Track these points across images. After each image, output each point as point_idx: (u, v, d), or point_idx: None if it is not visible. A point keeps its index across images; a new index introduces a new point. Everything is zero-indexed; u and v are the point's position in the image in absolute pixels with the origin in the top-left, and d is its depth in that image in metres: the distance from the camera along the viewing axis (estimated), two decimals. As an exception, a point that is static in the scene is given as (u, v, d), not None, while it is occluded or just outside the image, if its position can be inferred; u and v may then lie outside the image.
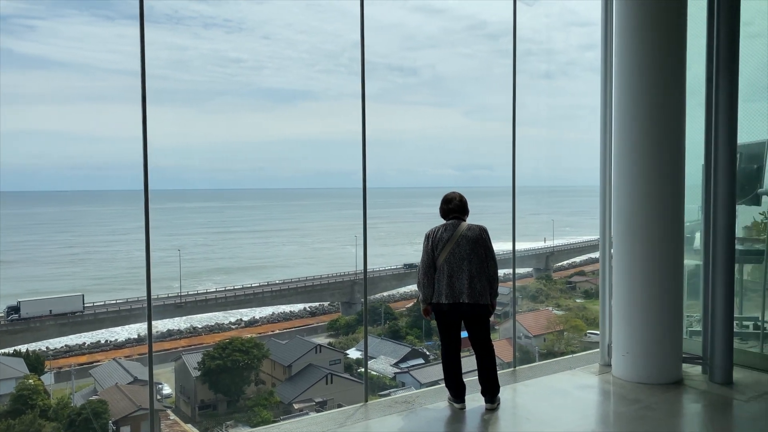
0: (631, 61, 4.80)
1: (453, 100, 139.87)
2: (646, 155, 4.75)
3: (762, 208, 5.59)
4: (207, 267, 54.45)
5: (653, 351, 4.80)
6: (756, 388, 4.73)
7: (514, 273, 5.67)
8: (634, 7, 4.77)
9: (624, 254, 4.90)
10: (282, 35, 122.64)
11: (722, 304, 4.82)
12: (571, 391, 4.78)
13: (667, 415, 4.26)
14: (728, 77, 4.78)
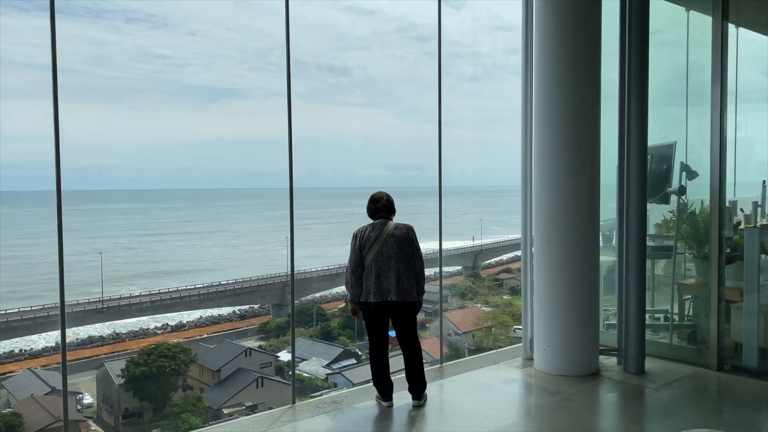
0: (550, 66, 4.98)
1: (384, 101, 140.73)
2: (564, 156, 4.95)
3: (671, 207, 5.93)
4: (131, 270, 52.37)
5: (572, 344, 5.01)
6: (666, 376, 5.01)
7: (441, 271, 5.77)
8: (552, 14, 4.96)
9: (544, 252, 5.08)
10: (209, 32, 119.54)
11: (635, 299, 5.09)
12: (496, 385, 4.92)
13: (584, 405, 4.45)
14: (639, 83, 5.05)
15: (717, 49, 5.10)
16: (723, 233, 5.15)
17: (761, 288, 5.26)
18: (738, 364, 5.13)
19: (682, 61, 5.91)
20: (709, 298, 5.21)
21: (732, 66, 8.32)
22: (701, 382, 4.91)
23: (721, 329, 5.12)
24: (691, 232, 5.73)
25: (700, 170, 5.59)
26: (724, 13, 5.07)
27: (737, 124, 9.44)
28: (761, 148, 9.91)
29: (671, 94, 6.02)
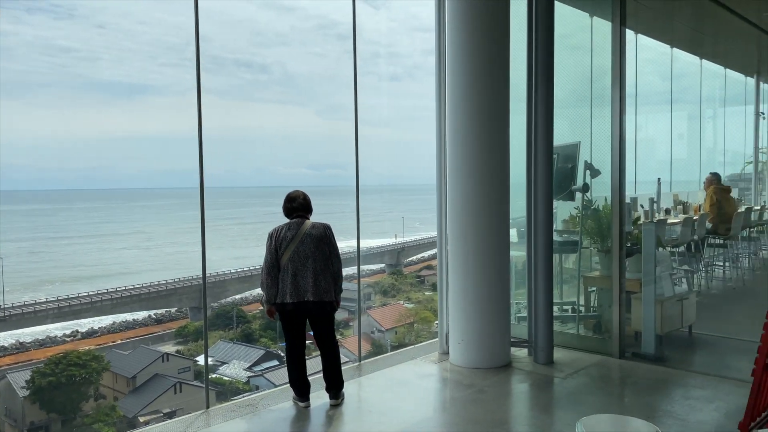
0: (462, 67, 5.10)
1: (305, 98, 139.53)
2: (476, 155, 5.08)
3: (576, 203, 6.22)
4: (37, 276, 49.33)
5: (485, 337, 5.16)
6: (573, 365, 5.26)
7: (359, 269, 5.79)
8: (464, 16, 5.07)
9: (458, 248, 5.20)
10: (119, 25, 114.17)
11: (543, 292, 5.30)
12: (413, 380, 4.99)
13: (497, 396, 4.60)
14: (545, 85, 5.26)
15: (616, 53, 5.39)
16: (623, 228, 5.45)
17: (657, 279, 5.61)
18: (638, 351, 5.45)
19: (587, 64, 6.20)
20: (611, 289, 5.51)
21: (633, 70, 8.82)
22: (605, 370, 5.19)
23: (622, 319, 5.42)
24: (595, 228, 6.03)
25: (603, 169, 5.89)
26: (622, 19, 5.36)
27: (638, 125, 10.03)
28: (661, 147, 10.59)
29: (578, 96, 6.31)
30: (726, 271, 8.51)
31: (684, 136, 11.10)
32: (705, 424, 4.00)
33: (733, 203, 8.67)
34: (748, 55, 10.26)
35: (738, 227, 8.29)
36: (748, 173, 11.53)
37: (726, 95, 11.33)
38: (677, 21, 8.46)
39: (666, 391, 4.67)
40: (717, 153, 11.71)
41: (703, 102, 10.89)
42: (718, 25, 8.50)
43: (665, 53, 9.74)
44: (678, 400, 4.46)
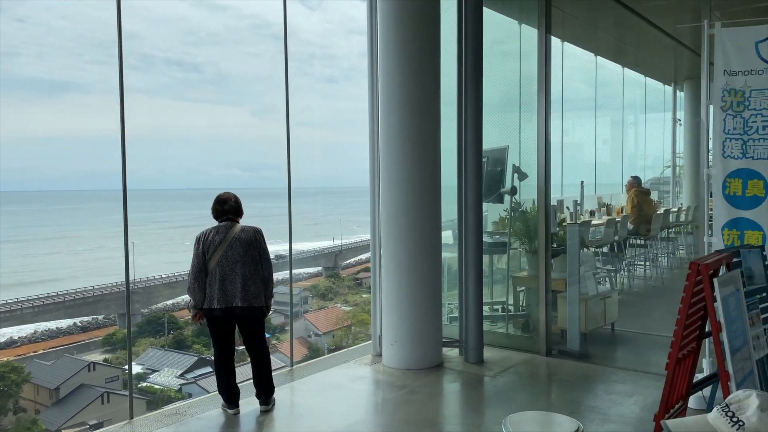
0: (394, 71, 5.13)
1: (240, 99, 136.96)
2: (408, 158, 5.12)
3: (505, 206, 6.37)
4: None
5: (417, 338, 5.20)
6: (502, 363, 5.38)
7: (291, 273, 5.72)
8: (395, 21, 5.11)
9: (391, 250, 5.23)
10: (41, 19, 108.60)
11: (473, 292, 5.40)
12: (345, 383, 4.98)
13: (428, 396, 4.64)
14: (474, 90, 5.37)
15: (542, 60, 5.55)
16: (549, 230, 5.62)
17: (581, 278, 5.82)
18: (563, 349, 5.63)
19: (518, 70, 6.37)
20: (538, 289, 5.67)
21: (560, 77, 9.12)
22: (532, 367, 5.33)
23: (548, 317, 5.59)
24: (523, 229, 6.19)
25: (530, 172, 6.06)
26: (547, 27, 5.53)
27: (565, 130, 10.36)
28: (587, 151, 11.00)
29: (509, 101, 6.47)
30: (646, 270, 8.93)
31: (608, 141, 11.60)
32: (624, 417, 4.18)
33: (653, 205, 9.11)
34: (666, 64, 10.82)
35: (657, 228, 8.71)
36: (666, 177, 12.16)
37: (646, 102, 11.91)
38: (601, 31, 8.82)
39: (589, 386, 4.84)
40: (638, 157, 12.30)
41: (625, 108, 11.40)
42: (639, 35, 8.91)
43: (591, 61, 10.14)
44: (600, 395, 4.64)
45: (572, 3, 7.08)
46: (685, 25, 7.23)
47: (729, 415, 1.07)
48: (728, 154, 4.14)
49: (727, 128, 4.15)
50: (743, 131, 4.08)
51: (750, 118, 4.06)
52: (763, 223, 4.07)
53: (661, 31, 8.01)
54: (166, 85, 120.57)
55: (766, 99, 4.00)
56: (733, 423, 1.07)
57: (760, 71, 4.01)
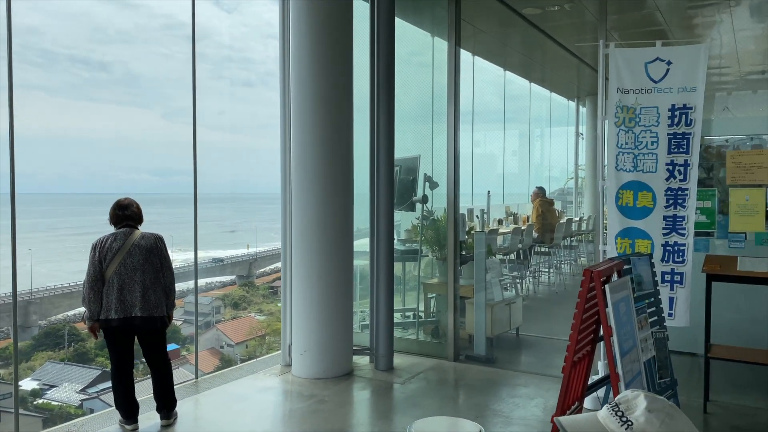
0: (306, 77, 5.09)
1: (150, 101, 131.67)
2: (320, 165, 5.09)
3: (417, 214, 6.47)
4: None
5: (327, 347, 5.16)
6: (411, 370, 5.43)
7: (197, 281, 5.53)
8: (308, 27, 5.08)
9: (302, 258, 5.17)
10: None
11: (384, 299, 5.43)
12: (252, 395, 4.86)
13: (337, 405, 4.61)
14: (386, 99, 5.42)
15: (451, 72, 5.69)
16: (458, 237, 5.75)
17: (488, 285, 5.99)
18: (471, 354, 5.77)
19: (431, 81, 6.50)
20: (447, 295, 5.78)
21: (471, 89, 9.36)
22: (441, 373, 5.42)
23: (456, 323, 5.71)
24: (434, 237, 6.31)
25: (442, 181, 6.18)
26: (456, 40, 5.68)
27: (476, 141, 10.66)
28: (496, 162, 11.38)
29: (423, 111, 6.59)
30: (550, 276, 9.32)
31: (516, 152, 12.06)
32: (526, 419, 4.32)
33: (556, 215, 9.55)
34: (570, 81, 11.40)
35: (560, 237, 9.13)
36: (570, 188, 12.79)
37: (552, 117, 12.49)
38: (509, 47, 9.18)
39: (494, 390, 4.98)
40: (544, 168, 12.86)
41: (532, 122, 11.91)
42: (545, 52, 9.34)
43: (501, 76, 10.52)
44: (504, 399, 4.78)
45: (482, 18, 7.33)
46: (583, 44, 7.64)
47: (618, 414, 1.12)
48: (621, 168, 4.40)
49: (619, 143, 4.41)
50: (634, 146, 4.36)
51: (640, 134, 4.34)
52: (651, 233, 4.35)
53: (565, 49, 8.43)
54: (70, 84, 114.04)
55: (654, 116, 4.28)
56: (622, 422, 1.11)
57: (648, 90, 4.30)
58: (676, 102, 4.23)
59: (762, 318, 4.20)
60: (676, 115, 4.22)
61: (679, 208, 4.25)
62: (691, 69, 4.19)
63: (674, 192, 4.25)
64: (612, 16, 6.96)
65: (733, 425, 4.20)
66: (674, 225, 4.25)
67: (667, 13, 7.15)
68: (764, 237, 4.42)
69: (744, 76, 9.92)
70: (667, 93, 4.26)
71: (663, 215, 4.29)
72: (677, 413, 1.09)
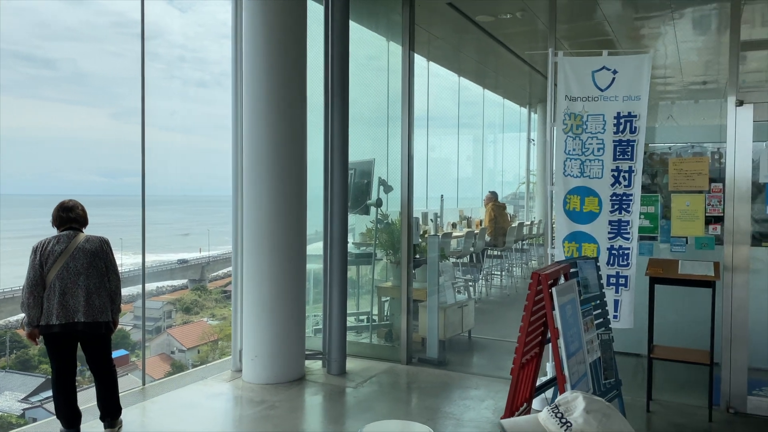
0: (259, 78, 5.04)
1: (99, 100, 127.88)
2: (272, 167, 5.04)
3: (371, 217, 6.47)
4: None
5: (279, 352, 5.10)
6: (364, 374, 5.42)
7: (144, 285, 5.40)
8: (261, 28, 5.03)
9: (253, 261, 5.10)
10: None
11: (337, 303, 5.41)
12: (201, 401, 4.76)
13: (288, 411, 4.56)
14: (340, 102, 5.41)
15: (405, 76, 5.73)
16: (411, 241, 5.78)
17: (441, 288, 6.04)
18: (423, 357, 5.80)
19: (386, 85, 6.52)
20: (401, 298, 5.80)
21: (426, 95, 9.43)
22: (393, 376, 5.43)
23: (409, 326, 5.74)
24: (388, 240, 6.32)
25: (397, 185, 6.21)
26: (410, 44, 5.72)
27: (431, 145, 10.73)
28: (451, 166, 11.50)
29: (379, 115, 6.60)
30: (502, 279, 9.47)
31: (470, 157, 12.22)
32: (476, 421, 4.36)
33: (508, 218, 9.71)
34: (522, 88, 11.62)
35: (512, 240, 9.29)
36: (522, 192, 13.04)
37: (505, 122, 12.71)
38: (464, 53, 9.29)
39: (446, 393, 5.01)
40: (497, 173, 13.08)
41: (486, 127, 12.08)
42: (498, 59, 9.49)
43: (455, 81, 10.65)
44: (456, 401, 4.82)
45: (437, 25, 7.40)
46: (534, 52, 7.81)
47: (558, 416, 1.13)
48: (568, 173, 4.51)
49: (567, 149, 4.51)
50: (581, 152, 4.47)
51: (587, 141, 4.45)
52: (598, 237, 4.46)
53: (517, 56, 8.59)
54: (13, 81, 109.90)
55: (600, 123, 4.41)
56: (561, 424, 1.13)
57: (595, 98, 4.42)
58: (621, 110, 4.36)
59: (702, 319, 4.36)
60: (622, 123, 4.35)
61: (623, 213, 4.37)
62: (636, 78, 4.33)
63: (619, 197, 4.38)
64: (563, 25, 7.14)
65: (674, 423, 4.34)
66: (619, 229, 4.38)
67: (615, 24, 7.37)
68: (704, 241, 4.60)
69: (687, 86, 10.31)
70: (612, 101, 4.38)
71: (608, 220, 4.41)
72: (614, 413, 1.12)
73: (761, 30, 7.46)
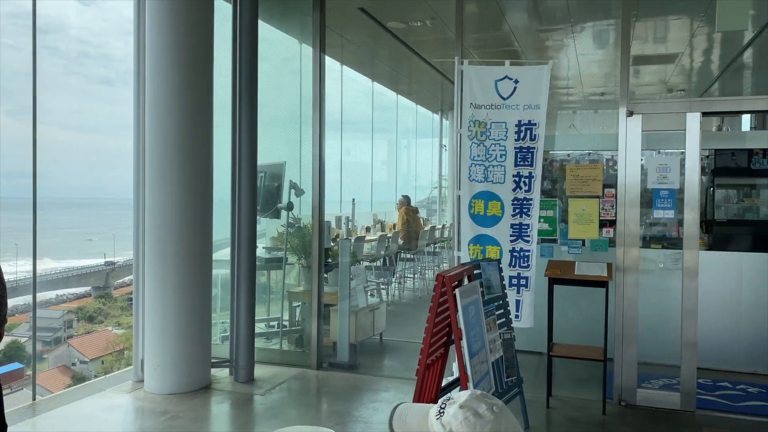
0: (163, 77, 4.86)
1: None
2: (176, 169, 4.87)
3: (283, 221, 6.39)
4: None
5: (183, 360, 4.93)
6: (273, 380, 5.33)
7: (35, 294, 5.06)
8: (165, 26, 4.85)
9: (156, 267, 4.91)
10: None
11: (245, 309, 5.29)
12: (98, 414, 4.52)
13: (191, 421, 4.41)
14: (249, 105, 5.30)
15: (316, 79, 5.71)
16: (323, 245, 5.75)
17: (353, 292, 6.05)
18: (334, 361, 5.78)
19: (299, 88, 6.45)
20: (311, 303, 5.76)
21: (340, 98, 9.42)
22: (303, 382, 5.37)
23: (320, 331, 5.70)
24: (299, 245, 6.26)
25: (309, 188, 6.16)
26: (321, 47, 5.70)
27: (346, 149, 10.72)
28: (366, 170, 11.57)
29: (293, 117, 6.53)
30: (415, 281, 9.61)
31: (385, 161, 12.35)
32: (384, 423, 4.38)
33: (420, 222, 9.88)
34: (434, 94, 11.87)
35: (424, 243, 9.45)
36: (434, 197, 13.30)
37: (418, 128, 12.93)
38: (377, 58, 9.38)
39: (356, 396, 5.02)
40: (410, 178, 13.29)
41: (400, 133, 12.25)
42: (411, 66, 9.65)
43: (369, 86, 10.72)
44: (365, 404, 4.83)
45: (350, 29, 7.43)
46: (441, 59, 8.00)
47: (442, 407, 1.15)
48: (473, 178, 4.64)
49: (472, 155, 4.65)
50: (485, 158, 4.61)
51: (491, 147, 4.61)
52: (500, 239, 4.62)
53: (428, 63, 8.77)
54: None
55: (503, 131, 4.57)
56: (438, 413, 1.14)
57: (498, 106, 4.58)
58: (522, 118, 4.55)
59: (598, 317, 4.61)
60: (522, 131, 4.53)
61: (524, 217, 4.55)
62: (536, 88, 4.53)
63: (520, 202, 4.56)
64: (471, 34, 7.35)
65: (571, 417, 4.55)
66: (520, 232, 4.55)
67: (521, 35, 7.68)
68: (598, 243, 4.86)
69: (587, 97, 10.89)
70: (514, 109, 4.56)
71: (510, 223, 4.58)
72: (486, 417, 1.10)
73: (653, 46, 8.01)
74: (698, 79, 9.82)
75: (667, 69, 8.94)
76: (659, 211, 4.61)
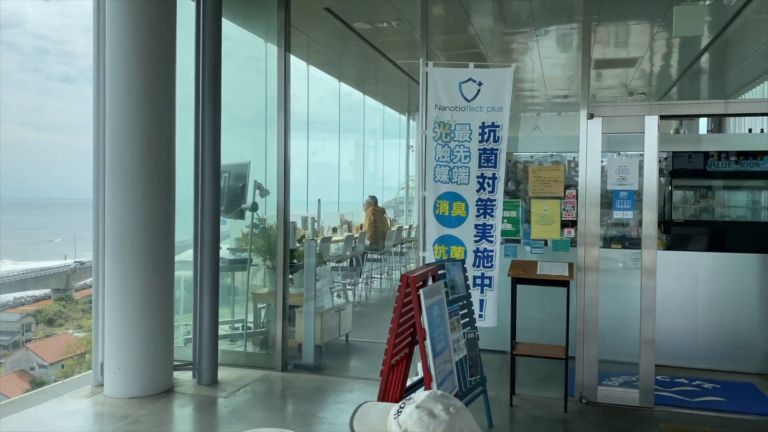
0: (124, 74, 4.76)
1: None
2: (137, 168, 4.78)
3: (247, 222, 6.33)
4: None
5: (145, 364, 4.84)
6: (237, 383, 5.28)
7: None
8: (126, 22, 4.75)
9: (117, 269, 4.80)
10: None
11: (208, 311, 5.22)
12: (54, 420, 4.40)
13: (153, 425, 4.33)
14: (212, 104, 5.23)
15: (281, 78, 5.67)
16: (288, 246, 5.71)
17: (318, 293, 6.02)
18: (299, 363, 5.75)
19: (265, 87, 6.40)
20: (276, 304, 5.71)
21: (306, 98, 9.37)
22: (268, 384, 5.33)
23: (285, 332, 5.66)
24: (264, 246, 6.21)
25: (274, 189, 6.11)
26: (286, 46, 5.67)
27: (313, 149, 10.67)
28: (333, 171, 11.53)
29: (259, 117, 6.47)
30: (381, 282, 9.62)
31: (352, 162, 12.34)
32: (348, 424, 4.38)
33: (387, 223, 9.89)
34: (401, 96, 11.90)
35: (391, 244, 9.47)
36: (402, 197, 13.35)
37: (385, 129, 12.96)
38: (343, 59, 9.36)
39: (321, 398, 5.00)
40: (378, 178, 13.31)
41: (366, 133, 12.26)
42: (377, 67, 9.65)
43: (336, 87, 10.70)
44: (330, 405, 4.82)
45: (316, 29, 7.40)
46: (406, 61, 8.03)
47: (401, 407, 1.14)
48: (438, 179, 4.67)
49: (437, 156, 4.68)
50: (450, 159, 4.65)
51: (455, 148, 4.64)
52: (465, 240, 4.66)
53: (394, 64, 8.79)
54: None
55: (467, 132, 4.61)
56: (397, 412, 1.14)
57: (462, 108, 4.62)
58: (485, 120, 4.59)
59: (560, 316, 4.68)
60: (486, 132, 4.58)
61: (488, 217, 4.60)
62: (499, 90, 4.58)
63: (484, 202, 4.61)
64: (438, 36, 7.40)
65: (534, 415, 4.62)
66: (484, 233, 4.60)
67: (486, 38, 7.76)
68: (560, 243, 4.94)
69: (550, 99, 11.07)
70: (478, 111, 4.60)
71: (474, 224, 4.63)
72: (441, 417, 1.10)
73: (613, 50, 8.18)
74: (657, 83, 10.07)
75: (627, 72, 9.14)
76: (619, 212, 4.70)
